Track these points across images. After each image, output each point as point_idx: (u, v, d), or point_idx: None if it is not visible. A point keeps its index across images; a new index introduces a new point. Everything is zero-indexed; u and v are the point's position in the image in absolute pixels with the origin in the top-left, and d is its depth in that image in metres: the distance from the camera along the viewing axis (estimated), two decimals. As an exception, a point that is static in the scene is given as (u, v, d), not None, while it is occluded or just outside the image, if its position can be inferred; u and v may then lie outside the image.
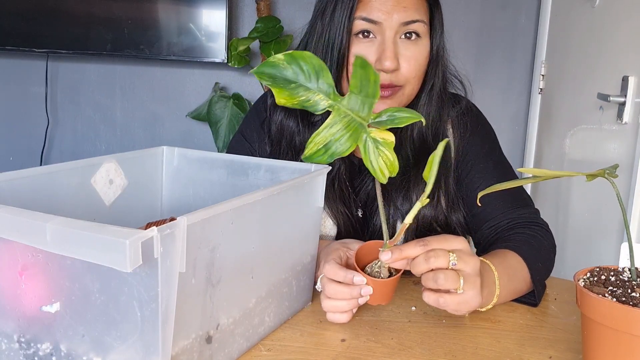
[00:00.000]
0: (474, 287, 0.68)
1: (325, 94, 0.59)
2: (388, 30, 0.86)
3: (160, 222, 0.75)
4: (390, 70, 0.86)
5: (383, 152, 0.61)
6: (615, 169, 0.60)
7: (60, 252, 0.49)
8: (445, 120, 0.98)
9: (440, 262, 0.67)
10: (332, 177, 0.95)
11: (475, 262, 0.69)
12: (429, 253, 0.67)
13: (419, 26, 0.88)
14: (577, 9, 1.82)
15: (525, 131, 2.26)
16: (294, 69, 0.59)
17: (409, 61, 0.88)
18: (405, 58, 0.88)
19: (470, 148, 0.98)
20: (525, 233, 0.89)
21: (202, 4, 2.15)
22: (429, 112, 0.95)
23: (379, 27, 0.86)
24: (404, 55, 0.88)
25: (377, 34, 0.87)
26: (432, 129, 0.96)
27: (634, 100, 1.43)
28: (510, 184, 0.64)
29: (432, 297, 0.69)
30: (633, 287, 0.59)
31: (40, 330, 0.56)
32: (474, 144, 0.99)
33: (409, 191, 0.94)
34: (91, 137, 2.44)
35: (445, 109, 0.97)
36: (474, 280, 0.69)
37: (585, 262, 1.61)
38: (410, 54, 0.88)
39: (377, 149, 0.61)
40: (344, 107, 0.59)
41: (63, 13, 2.16)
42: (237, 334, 0.66)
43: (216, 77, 2.34)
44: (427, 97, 0.95)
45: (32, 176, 0.68)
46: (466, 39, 2.26)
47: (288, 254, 0.74)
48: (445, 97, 0.97)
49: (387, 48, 0.86)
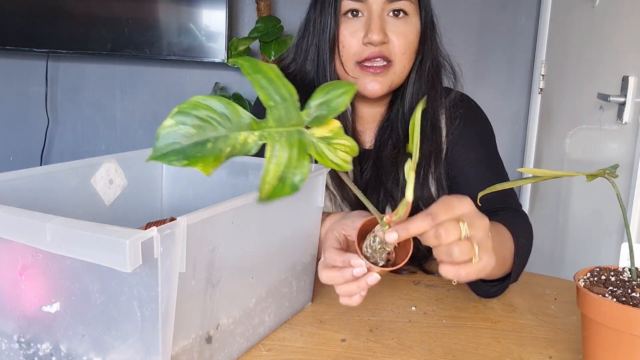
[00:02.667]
0: (487, 251, 0.63)
1: (247, 128, 0.46)
2: (374, 5, 0.89)
3: (160, 222, 0.75)
4: (378, 43, 0.88)
5: (339, 143, 0.52)
6: (615, 169, 0.60)
7: (60, 252, 0.49)
8: (438, 104, 0.99)
9: (452, 235, 0.61)
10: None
11: (485, 223, 0.64)
12: (439, 229, 0.61)
13: (405, 4, 0.90)
14: (577, 9, 1.82)
15: (525, 131, 2.26)
16: (195, 124, 0.44)
17: (398, 36, 0.90)
18: (394, 34, 0.90)
19: (462, 136, 0.99)
20: (509, 214, 0.90)
21: (202, 4, 2.15)
22: (419, 89, 0.96)
23: (365, 5, 0.90)
24: (393, 31, 0.90)
25: (364, 11, 0.90)
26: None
27: (634, 100, 1.43)
28: (510, 184, 0.64)
29: (452, 271, 0.62)
30: (633, 287, 0.59)
31: (40, 330, 0.56)
32: (467, 133, 0.99)
33: (398, 172, 0.95)
34: (91, 137, 2.44)
35: (437, 91, 0.98)
36: (487, 243, 0.63)
37: (585, 262, 1.61)
38: (399, 30, 0.90)
39: (330, 145, 0.52)
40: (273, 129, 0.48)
41: (63, 13, 2.16)
42: (237, 334, 0.66)
43: (216, 77, 2.34)
44: (416, 74, 0.96)
45: (32, 176, 0.68)
46: (466, 39, 2.26)
47: (288, 254, 0.74)
48: (438, 78, 0.99)
49: (373, 22, 0.88)
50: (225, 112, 0.45)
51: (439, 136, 0.98)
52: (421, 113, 0.95)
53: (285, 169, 0.47)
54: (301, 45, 0.98)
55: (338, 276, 0.64)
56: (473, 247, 0.61)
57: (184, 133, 0.43)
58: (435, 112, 0.98)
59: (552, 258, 1.90)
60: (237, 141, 0.45)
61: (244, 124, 0.46)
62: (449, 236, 0.60)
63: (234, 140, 0.45)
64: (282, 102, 0.48)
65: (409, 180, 0.57)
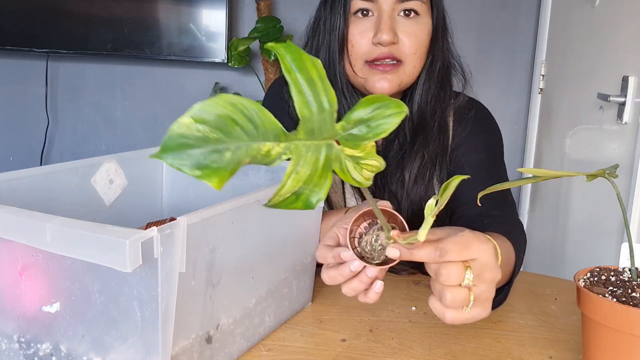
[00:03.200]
0: (484, 304, 0.59)
1: (274, 138, 0.39)
2: (385, 5, 0.88)
3: (160, 222, 0.75)
4: (387, 43, 0.87)
5: (367, 164, 0.46)
6: (615, 169, 0.60)
7: (60, 252, 0.49)
8: (447, 105, 0.98)
9: (453, 281, 0.56)
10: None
11: (494, 276, 0.59)
12: (441, 268, 0.57)
13: (416, 4, 0.89)
14: (577, 9, 1.82)
15: (525, 131, 2.26)
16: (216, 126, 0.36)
17: (408, 36, 0.89)
18: (404, 33, 0.89)
19: (468, 140, 0.98)
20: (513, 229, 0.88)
21: (202, 4, 2.15)
22: (428, 90, 0.95)
23: (376, 5, 0.88)
24: (404, 31, 0.89)
25: (375, 11, 0.89)
26: (430, 107, 0.96)
27: (634, 100, 1.43)
28: (510, 184, 0.64)
29: (438, 309, 0.59)
30: (633, 287, 0.59)
31: (40, 330, 0.56)
32: (473, 137, 0.98)
33: (403, 170, 0.95)
34: (91, 137, 2.44)
35: (446, 92, 0.97)
36: (486, 296, 0.59)
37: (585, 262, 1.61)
38: (410, 30, 0.89)
39: (358, 165, 0.46)
40: (301, 142, 0.41)
41: (63, 13, 2.16)
42: (237, 334, 0.66)
43: (216, 77, 2.34)
44: (426, 74, 0.95)
45: (32, 176, 0.68)
46: (466, 39, 2.26)
47: (288, 254, 0.74)
48: (448, 80, 0.97)
49: (383, 21, 0.87)
50: (254, 117, 0.38)
51: (445, 138, 0.97)
52: (429, 114, 0.95)
53: (304, 186, 0.42)
54: (311, 43, 0.98)
55: (337, 274, 0.62)
56: (469, 297, 0.57)
57: (202, 136, 0.35)
58: (443, 113, 0.97)
59: (552, 258, 1.90)
60: (259, 152, 0.38)
61: (272, 134, 0.39)
62: (449, 279, 0.56)
63: (256, 150, 0.38)
64: (319, 114, 0.41)
65: (426, 222, 0.52)
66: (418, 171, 0.95)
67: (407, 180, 0.95)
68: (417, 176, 0.95)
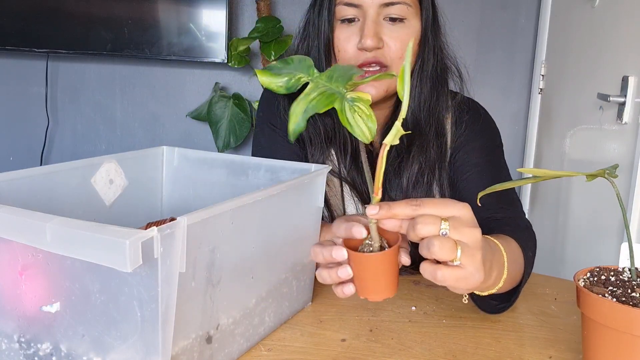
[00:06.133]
0: (473, 262, 0.59)
1: (306, 72, 0.65)
2: (369, 10, 0.88)
3: (160, 222, 0.75)
4: (371, 48, 0.87)
5: (358, 107, 0.61)
6: (615, 169, 0.60)
7: (60, 252, 0.49)
8: (443, 109, 0.97)
9: (428, 229, 0.57)
10: (357, 165, 0.96)
11: (474, 234, 0.59)
12: (417, 218, 0.58)
13: (401, 8, 0.88)
14: (577, 9, 1.82)
15: (525, 131, 2.26)
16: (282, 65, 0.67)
17: (394, 41, 0.89)
18: (390, 38, 0.89)
19: (467, 142, 0.98)
20: (519, 230, 0.88)
21: (202, 4, 2.15)
22: (420, 94, 0.94)
23: (360, 10, 0.89)
24: (389, 35, 0.89)
25: (360, 16, 0.89)
26: (425, 112, 0.95)
27: (634, 100, 1.43)
28: (509, 184, 0.64)
29: (429, 269, 0.59)
30: (633, 287, 0.59)
31: (40, 330, 0.56)
32: (472, 140, 0.98)
33: (401, 177, 0.94)
34: (91, 137, 2.44)
35: (442, 95, 0.96)
36: (473, 254, 0.59)
37: (585, 262, 1.61)
38: (395, 35, 0.89)
39: (353, 106, 0.61)
40: (321, 81, 0.64)
41: (63, 13, 2.16)
42: (237, 334, 0.66)
43: (216, 77, 2.34)
44: (417, 78, 0.94)
45: (32, 176, 0.68)
46: (466, 39, 2.26)
47: (288, 254, 0.74)
48: (442, 82, 0.97)
49: (367, 27, 0.87)
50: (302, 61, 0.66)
51: (443, 141, 0.97)
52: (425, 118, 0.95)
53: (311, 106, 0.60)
54: (302, 46, 0.98)
55: (326, 276, 0.62)
56: (456, 248, 0.58)
57: (276, 65, 0.67)
58: (439, 116, 0.97)
59: (552, 258, 1.90)
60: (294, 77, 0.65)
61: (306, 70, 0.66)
62: (424, 228, 0.57)
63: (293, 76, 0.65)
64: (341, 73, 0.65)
65: (395, 128, 0.61)
66: (416, 177, 0.95)
67: (406, 185, 0.95)
68: (416, 181, 0.95)
